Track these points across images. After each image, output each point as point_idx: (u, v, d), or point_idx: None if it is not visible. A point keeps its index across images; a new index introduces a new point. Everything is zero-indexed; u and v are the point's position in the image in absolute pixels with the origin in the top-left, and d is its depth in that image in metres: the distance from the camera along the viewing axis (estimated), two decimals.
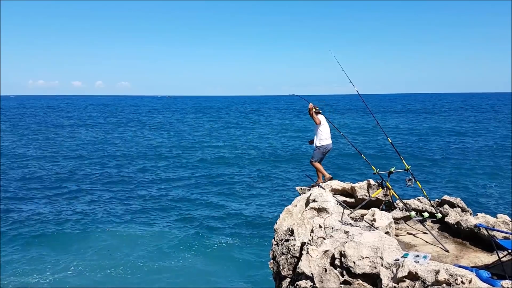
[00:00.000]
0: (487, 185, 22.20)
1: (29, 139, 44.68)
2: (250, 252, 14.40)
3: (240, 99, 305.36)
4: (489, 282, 3.95)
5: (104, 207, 19.53)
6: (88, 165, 29.95)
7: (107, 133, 52.52)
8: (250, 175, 26.24)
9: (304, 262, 5.11)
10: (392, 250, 4.77)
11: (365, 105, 8.50)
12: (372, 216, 6.35)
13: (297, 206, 7.34)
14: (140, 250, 14.69)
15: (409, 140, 40.96)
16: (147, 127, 60.73)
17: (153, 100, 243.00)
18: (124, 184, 24.08)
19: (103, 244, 15.25)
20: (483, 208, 16.83)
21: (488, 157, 30.51)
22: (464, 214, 6.96)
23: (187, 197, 21.38)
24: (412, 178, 7.05)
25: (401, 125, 58.10)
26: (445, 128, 51.92)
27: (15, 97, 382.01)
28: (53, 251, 14.69)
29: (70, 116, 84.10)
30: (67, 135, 49.72)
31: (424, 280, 4.08)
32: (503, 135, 43.27)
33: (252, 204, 19.83)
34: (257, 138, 46.48)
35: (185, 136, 49.25)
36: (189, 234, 16.16)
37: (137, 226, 17.07)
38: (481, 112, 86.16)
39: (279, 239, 6.62)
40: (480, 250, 5.81)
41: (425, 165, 27.82)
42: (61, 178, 25.38)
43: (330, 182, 8.55)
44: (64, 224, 17.21)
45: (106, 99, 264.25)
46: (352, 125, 58.16)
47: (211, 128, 60.75)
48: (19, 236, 15.85)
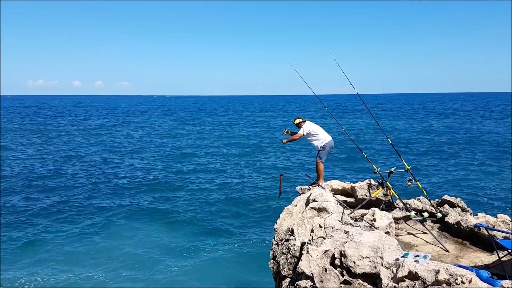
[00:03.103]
0: (487, 185, 22.19)
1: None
2: (250, 252, 14.40)
3: (242, 99, 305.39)
4: (489, 282, 3.95)
5: (103, 207, 19.52)
6: (79, 166, 29.97)
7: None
8: (250, 175, 26.24)
9: (304, 262, 5.11)
10: (392, 250, 4.77)
11: (365, 106, 8.50)
12: (372, 216, 6.35)
13: (297, 206, 7.34)
14: (139, 250, 14.68)
15: (409, 140, 40.95)
16: (132, 127, 60.73)
17: (150, 100, 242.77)
18: (122, 184, 24.08)
19: (103, 243, 15.25)
20: (483, 208, 16.83)
21: (488, 157, 30.51)
22: (464, 214, 6.96)
23: (186, 197, 21.38)
24: (412, 178, 7.05)
25: (401, 125, 58.10)
26: (445, 128, 51.92)
27: (11, 96, 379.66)
28: (53, 251, 14.68)
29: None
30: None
31: (424, 280, 4.08)
32: (503, 135, 43.27)
33: (252, 204, 19.83)
34: (257, 138, 46.50)
35: (185, 136, 49.29)
36: (188, 234, 16.17)
37: (135, 226, 17.06)
38: (480, 112, 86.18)
39: (279, 239, 6.62)
40: (480, 250, 5.81)
41: (425, 165, 27.82)
42: (57, 179, 25.39)
43: (330, 182, 8.56)
44: (64, 224, 17.21)
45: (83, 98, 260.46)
46: (353, 125, 58.15)
47: (211, 128, 60.77)
48: (18, 236, 15.86)
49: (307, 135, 8.75)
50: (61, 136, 48.05)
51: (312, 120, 9.11)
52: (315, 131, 8.72)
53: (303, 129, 8.74)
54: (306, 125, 8.79)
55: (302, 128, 8.76)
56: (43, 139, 45.46)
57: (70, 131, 54.84)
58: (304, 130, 8.73)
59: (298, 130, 8.84)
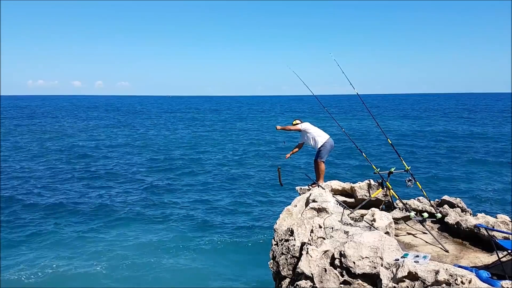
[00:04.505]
0: (487, 185, 22.19)
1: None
2: (250, 252, 14.38)
3: (244, 99, 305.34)
4: (489, 282, 3.95)
5: (101, 207, 19.50)
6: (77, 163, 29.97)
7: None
8: (250, 175, 26.24)
9: (304, 262, 5.12)
10: (392, 250, 4.77)
11: (365, 106, 8.51)
12: (372, 216, 6.36)
13: (297, 206, 7.34)
14: (139, 250, 14.66)
15: (409, 140, 40.96)
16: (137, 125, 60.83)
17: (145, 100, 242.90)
18: (121, 183, 24.08)
19: (102, 244, 15.23)
20: (483, 208, 16.83)
21: (488, 156, 30.51)
22: (464, 214, 6.97)
23: (186, 196, 21.38)
24: (412, 178, 7.06)
25: (401, 125, 58.10)
26: (444, 128, 51.91)
27: (9, 97, 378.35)
28: (53, 251, 14.67)
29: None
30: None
31: (424, 280, 4.08)
32: (503, 135, 43.27)
33: (251, 204, 19.82)
34: (257, 138, 46.49)
35: (184, 136, 49.28)
36: (188, 234, 16.14)
37: (135, 226, 17.05)
38: (480, 112, 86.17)
39: (279, 239, 6.62)
40: (480, 250, 5.82)
41: (425, 165, 27.82)
42: (55, 176, 25.40)
43: (330, 182, 8.57)
44: (63, 224, 17.21)
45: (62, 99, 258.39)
46: (353, 125, 58.16)
47: (211, 128, 60.76)
48: (15, 237, 15.85)
49: (303, 132, 8.88)
50: (61, 137, 48.13)
51: (315, 122, 9.22)
52: (311, 131, 8.80)
53: (301, 126, 8.91)
54: (304, 124, 8.96)
55: (300, 125, 8.93)
56: (44, 138, 45.50)
57: (66, 130, 54.94)
58: (302, 127, 8.88)
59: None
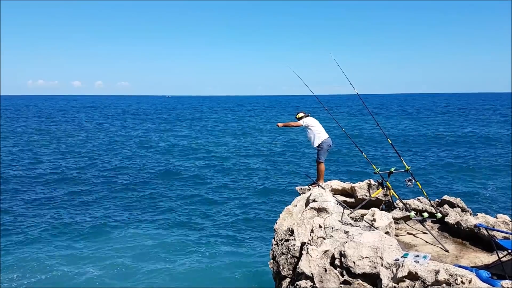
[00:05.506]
0: (487, 185, 22.18)
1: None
2: (250, 252, 14.37)
3: (244, 99, 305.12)
4: (489, 282, 3.95)
5: (101, 207, 19.52)
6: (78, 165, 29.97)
7: None
8: (250, 175, 26.23)
9: (304, 262, 5.12)
10: (392, 250, 4.77)
11: (365, 106, 8.51)
12: (372, 216, 6.36)
13: (297, 206, 7.35)
14: (139, 250, 14.65)
15: (409, 140, 40.95)
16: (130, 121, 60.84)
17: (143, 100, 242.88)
18: (121, 184, 24.07)
19: (101, 244, 15.22)
20: (483, 208, 16.82)
21: (489, 156, 30.50)
22: (464, 214, 6.97)
23: (185, 196, 21.38)
24: (412, 178, 7.06)
25: (401, 125, 58.11)
26: (445, 128, 51.92)
27: (7, 97, 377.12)
28: (53, 251, 14.68)
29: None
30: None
31: (424, 280, 4.08)
32: (503, 135, 43.27)
33: (251, 204, 19.82)
34: (257, 138, 46.50)
35: (185, 136, 49.29)
36: (188, 234, 16.13)
37: (135, 226, 17.03)
38: (480, 112, 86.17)
39: (279, 239, 6.62)
40: (480, 250, 5.82)
41: (425, 165, 27.82)
42: (56, 179, 25.40)
43: (330, 182, 8.57)
44: (63, 224, 17.21)
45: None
46: (353, 125, 58.16)
47: (212, 128, 60.78)
48: (15, 237, 15.85)
49: (306, 128, 8.83)
50: (61, 137, 48.14)
51: (317, 118, 9.15)
52: (314, 126, 8.77)
53: (303, 121, 8.83)
54: (307, 119, 8.88)
55: (303, 120, 8.85)
56: (44, 138, 45.51)
57: (68, 131, 54.92)
58: (304, 122, 8.81)
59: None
